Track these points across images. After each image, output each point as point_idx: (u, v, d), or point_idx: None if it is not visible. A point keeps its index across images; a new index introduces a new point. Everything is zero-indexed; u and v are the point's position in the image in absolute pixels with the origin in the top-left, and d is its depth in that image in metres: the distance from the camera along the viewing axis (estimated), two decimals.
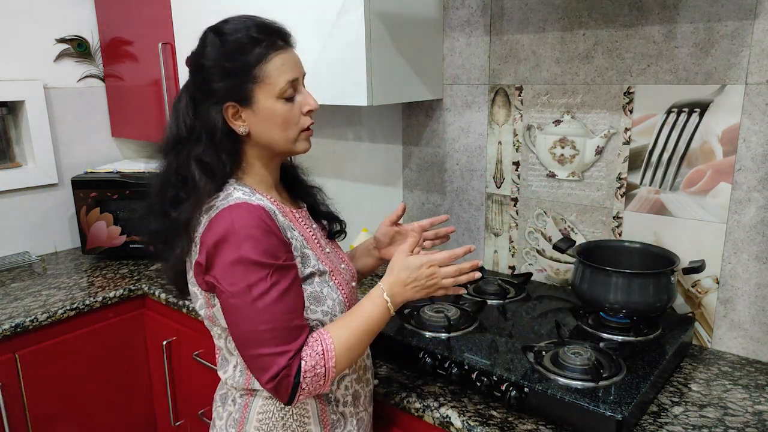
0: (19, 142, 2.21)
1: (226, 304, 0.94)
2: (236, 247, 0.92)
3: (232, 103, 0.99)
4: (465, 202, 1.76)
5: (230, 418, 1.07)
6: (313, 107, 1.03)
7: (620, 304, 1.29)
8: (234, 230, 0.92)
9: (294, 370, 0.92)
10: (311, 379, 0.93)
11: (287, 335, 0.92)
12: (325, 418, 1.07)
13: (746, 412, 1.12)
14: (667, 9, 1.31)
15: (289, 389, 0.92)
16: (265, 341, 0.91)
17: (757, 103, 1.24)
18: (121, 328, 1.90)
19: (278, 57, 0.99)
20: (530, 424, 1.09)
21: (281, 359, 0.91)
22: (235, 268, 0.92)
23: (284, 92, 0.99)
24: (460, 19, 1.64)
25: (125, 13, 2.15)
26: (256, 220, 0.94)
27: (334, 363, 0.94)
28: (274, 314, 0.92)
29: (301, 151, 1.06)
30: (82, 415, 1.85)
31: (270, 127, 1.01)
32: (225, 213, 0.94)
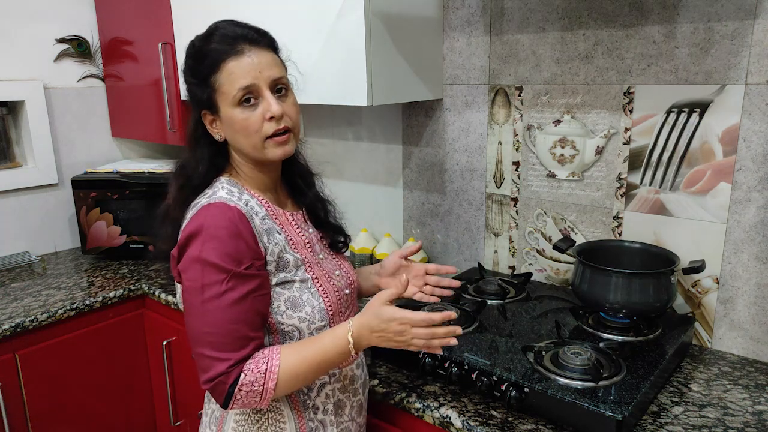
0: (19, 142, 2.21)
1: (182, 298, 0.98)
2: (200, 245, 0.94)
3: (206, 111, 1.03)
4: (465, 202, 1.76)
5: (212, 415, 1.10)
6: (274, 113, 0.99)
7: (620, 304, 1.29)
8: (202, 228, 0.94)
9: (231, 378, 0.91)
10: (246, 393, 0.92)
11: (230, 344, 0.92)
12: (302, 424, 1.06)
13: (746, 412, 1.12)
14: (667, 9, 1.31)
15: (222, 396, 0.92)
16: (207, 344, 0.92)
17: (757, 103, 1.24)
18: (121, 328, 1.90)
19: (230, 64, 0.98)
20: (530, 424, 1.09)
21: (220, 365, 0.91)
22: (195, 265, 0.94)
23: (238, 100, 0.98)
24: (460, 19, 1.64)
25: (125, 13, 2.15)
26: (225, 222, 0.95)
27: (273, 386, 0.93)
28: (220, 320, 0.92)
29: (272, 158, 1.02)
30: (82, 415, 1.85)
31: (234, 134, 1.02)
32: (202, 210, 0.97)
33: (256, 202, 1.04)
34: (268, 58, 1.00)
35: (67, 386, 1.80)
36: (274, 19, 1.58)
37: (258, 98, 0.99)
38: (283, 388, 0.95)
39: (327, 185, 1.24)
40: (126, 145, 2.47)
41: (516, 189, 1.65)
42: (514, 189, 1.65)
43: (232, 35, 0.99)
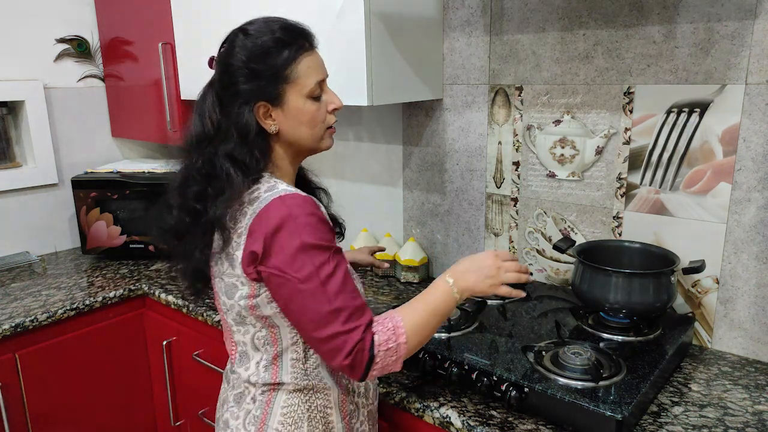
0: (19, 142, 2.21)
1: (294, 291, 0.95)
2: (297, 234, 0.94)
3: (263, 103, 1.02)
4: (465, 202, 1.76)
5: (249, 416, 1.07)
6: (338, 105, 1.08)
7: (620, 304, 1.29)
8: (291, 218, 0.95)
9: (368, 343, 0.94)
10: (384, 353, 0.95)
11: (357, 312, 0.96)
12: (345, 408, 1.09)
13: (746, 412, 1.12)
14: (667, 9, 1.31)
15: (363, 363, 0.95)
16: (337, 320, 0.94)
17: (757, 103, 1.24)
18: (121, 328, 1.90)
19: (306, 58, 1.03)
20: (530, 424, 1.09)
21: (354, 334, 0.94)
22: (300, 254, 0.94)
23: (313, 92, 1.04)
24: (460, 19, 1.64)
25: (125, 13, 2.15)
26: (310, 208, 0.97)
27: (405, 339, 0.97)
28: (342, 293, 0.95)
29: (325, 147, 1.10)
30: (82, 415, 1.84)
31: (299, 125, 1.04)
32: (277, 202, 0.96)
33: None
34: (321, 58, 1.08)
35: (67, 386, 1.80)
36: None
37: (322, 92, 1.06)
38: (411, 341, 0.99)
39: (327, 185, 1.26)
40: (126, 145, 2.46)
41: (516, 189, 1.65)
42: (514, 189, 1.65)
43: (299, 31, 1.04)
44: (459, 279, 1.05)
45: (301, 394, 1.05)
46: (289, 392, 1.05)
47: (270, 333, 1.04)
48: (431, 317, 1.02)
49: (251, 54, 1.00)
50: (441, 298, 1.03)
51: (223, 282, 1.04)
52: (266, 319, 1.02)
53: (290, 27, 1.03)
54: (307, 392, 1.06)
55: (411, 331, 0.98)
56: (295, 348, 1.04)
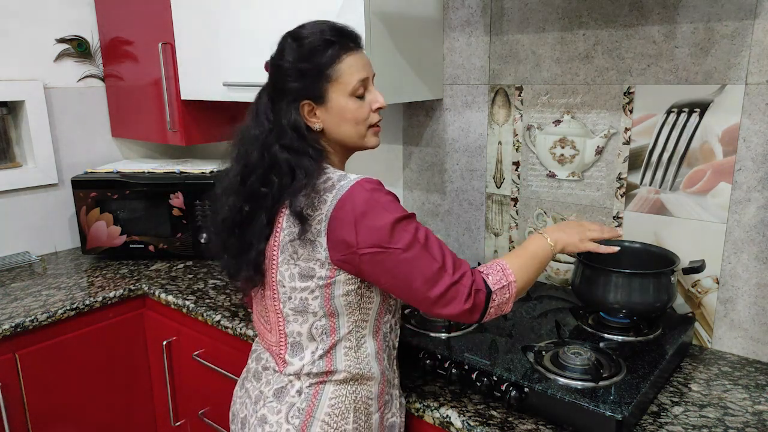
0: (19, 142, 2.20)
1: (399, 261, 0.99)
2: (385, 213, 0.99)
3: (308, 101, 1.06)
4: (465, 202, 1.76)
5: (293, 408, 1.08)
6: (381, 104, 1.11)
7: (620, 304, 1.29)
8: (375, 200, 1.00)
9: (481, 283, 1.03)
10: (499, 290, 1.04)
11: (458, 261, 1.03)
12: (382, 399, 1.12)
13: (746, 412, 1.12)
14: (667, 9, 1.31)
15: (483, 300, 1.02)
16: (446, 273, 1.00)
17: (757, 103, 1.24)
18: (121, 328, 1.90)
19: (350, 58, 1.06)
20: (530, 424, 1.09)
21: (465, 280, 1.01)
22: (395, 228, 0.99)
23: (356, 90, 1.07)
24: (460, 19, 1.64)
25: (125, 13, 2.15)
26: (384, 190, 1.03)
27: (514, 278, 1.06)
28: (442, 248, 1.02)
29: (371, 145, 1.14)
30: (82, 415, 1.84)
31: (342, 123, 1.08)
32: (357, 188, 1.01)
33: None
34: (367, 58, 1.11)
35: (67, 386, 1.80)
36: (273, 19, 1.58)
37: (365, 91, 1.09)
38: (520, 281, 1.07)
39: None
40: (126, 145, 2.46)
41: (516, 189, 1.65)
42: (514, 189, 1.65)
43: (345, 32, 1.08)
44: (551, 231, 1.17)
45: (348, 386, 1.08)
46: (337, 383, 1.08)
47: (329, 322, 1.06)
48: (532, 260, 1.11)
49: (298, 54, 1.05)
50: (536, 244, 1.14)
51: (297, 267, 1.05)
52: (330, 305, 1.04)
53: (335, 27, 1.07)
54: (354, 383, 1.08)
55: (518, 272, 1.07)
56: (350, 337, 1.07)
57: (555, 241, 1.15)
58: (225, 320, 1.61)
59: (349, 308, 1.05)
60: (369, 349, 1.09)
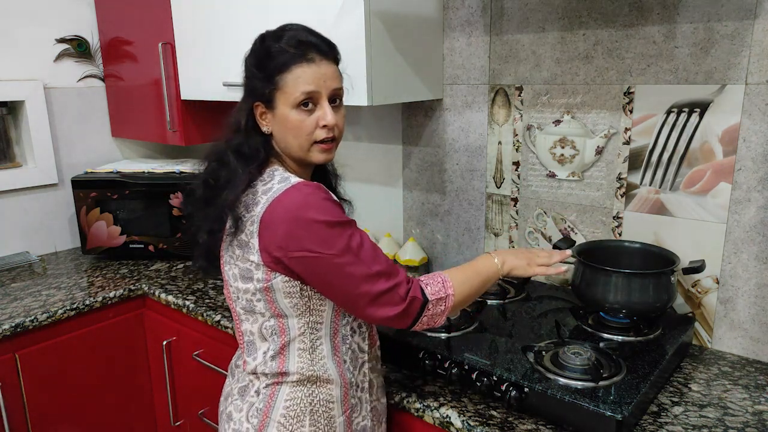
0: (19, 142, 2.20)
1: (332, 266, 0.99)
2: (320, 216, 0.98)
3: (260, 103, 1.07)
4: (465, 202, 1.76)
5: (252, 408, 1.09)
6: (327, 123, 1.06)
7: (620, 304, 1.29)
8: (309, 203, 0.99)
9: (418, 291, 1.03)
10: (435, 302, 1.04)
11: (393, 268, 1.03)
12: (347, 402, 1.10)
13: (746, 412, 1.12)
14: (667, 9, 1.31)
15: (416, 310, 1.03)
16: (380, 279, 1.00)
17: (757, 103, 1.24)
18: (121, 328, 1.90)
19: (300, 69, 1.04)
20: (530, 424, 1.09)
21: (400, 288, 1.01)
22: (327, 232, 0.98)
23: (297, 102, 1.04)
24: (460, 19, 1.64)
25: (125, 13, 2.15)
26: (322, 194, 1.01)
27: (453, 291, 1.06)
28: (376, 256, 1.01)
29: (315, 161, 1.10)
30: (82, 415, 1.84)
31: (284, 132, 1.07)
32: (292, 191, 1.00)
33: None
34: (332, 69, 1.08)
35: (67, 386, 1.80)
36: (273, 18, 1.58)
37: (316, 105, 1.06)
38: (458, 295, 1.07)
39: None
40: (126, 145, 2.46)
41: (516, 189, 1.65)
42: (514, 189, 1.65)
43: (305, 41, 1.06)
44: (501, 252, 1.18)
45: (304, 388, 1.07)
46: (292, 385, 1.07)
47: (278, 323, 1.05)
48: (475, 277, 1.11)
49: (257, 56, 1.07)
50: (483, 262, 1.14)
51: (237, 268, 1.06)
52: (275, 307, 1.04)
53: (300, 37, 1.06)
54: (311, 385, 1.07)
55: (458, 286, 1.07)
56: (303, 338, 1.06)
57: (502, 262, 1.15)
58: (225, 320, 1.61)
59: (296, 310, 1.04)
60: (325, 351, 1.08)
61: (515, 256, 1.18)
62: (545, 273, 1.19)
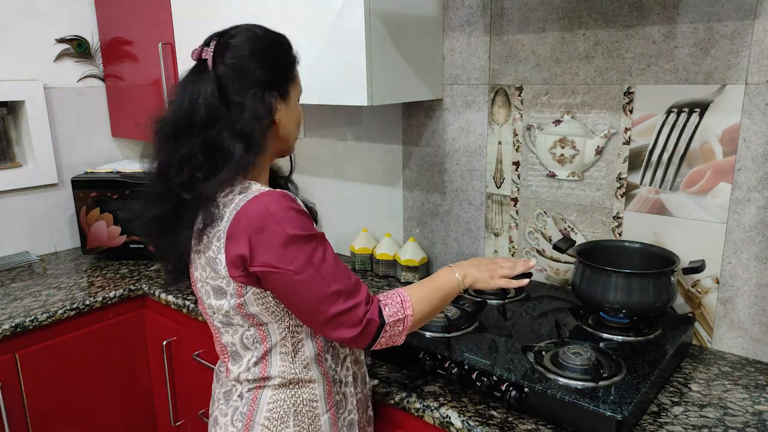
0: (19, 142, 2.21)
1: (291, 283, 0.97)
2: (281, 229, 0.95)
3: (276, 93, 1.05)
4: (465, 202, 1.76)
5: (236, 413, 1.09)
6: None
7: (620, 304, 1.29)
8: (271, 214, 0.96)
9: (375, 313, 1.00)
10: (393, 323, 1.02)
11: (355, 288, 1.00)
12: (331, 399, 1.10)
13: (746, 412, 1.12)
14: (667, 9, 1.31)
15: (373, 330, 1.00)
16: (338, 301, 0.98)
17: (757, 103, 1.24)
18: (121, 328, 1.90)
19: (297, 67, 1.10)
20: (530, 424, 1.09)
21: (359, 308, 0.99)
22: (289, 247, 0.96)
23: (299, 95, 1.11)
24: (460, 19, 1.64)
25: (125, 13, 2.15)
26: (287, 202, 0.98)
27: (411, 311, 1.04)
28: (338, 274, 0.99)
29: (293, 151, 1.17)
30: (82, 415, 1.85)
31: (292, 123, 1.10)
32: (255, 202, 0.97)
33: None
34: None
35: (67, 386, 1.80)
36: (274, 18, 1.58)
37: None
38: (417, 314, 1.05)
39: (327, 185, 1.27)
40: (126, 145, 2.46)
41: (516, 189, 1.65)
42: (514, 189, 1.65)
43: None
44: (462, 265, 1.16)
45: (286, 390, 1.06)
46: (275, 388, 1.06)
47: (258, 331, 1.05)
48: (435, 293, 1.09)
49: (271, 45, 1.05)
50: (443, 277, 1.12)
51: (209, 285, 1.04)
52: (253, 318, 1.03)
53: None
54: (293, 387, 1.07)
55: (417, 305, 1.05)
56: (284, 343, 1.05)
57: (464, 276, 1.13)
58: None
59: (275, 316, 1.03)
60: (308, 352, 1.07)
61: (477, 268, 1.16)
62: (508, 285, 1.16)
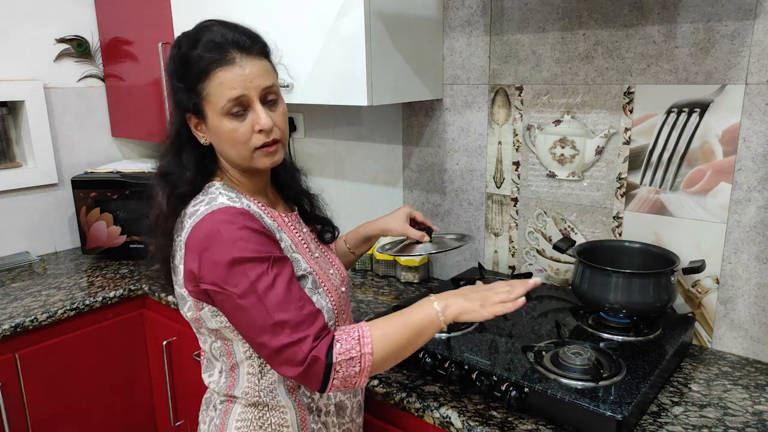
0: (19, 142, 2.21)
1: (235, 307, 0.91)
2: (227, 250, 0.90)
3: (192, 115, 0.99)
4: (465, 202, 1.76)
5: (212, 423, 1.08)
6: (263, 127, 0.96)
7: (620, 304, 1.29)
8: (220, 234, 0.91)
9: (323, 351, 0.89)
10: (346, 362, 0.89)
11: (304, 320, 0.90)
12: (305, 427, 1.05)
13: (746, 412, 1.12)
14: (667, 9, 1.31)
15: (320, 373, 0.89)
16: (282, 333, 0.88)
17: (757, 103, 1.24)
18: (121, 328, 1.90)
19: (222, 73, 0.94)
20: (530, 424, 1.09)
21: (304, 345, 0.88)
22: (233, 269, 0.90)
23: (227, 110, 0.95)
24: (460, 19, 1.64)
25: (125, 13, 2.15)
26: (239, 223, 0.92)
27: (370, 349, 0.91)
28: (286, 303, 0.90)
29: (261, 167, 1.01)
30: (82, 415, 1.85)
31: (221, 142, 0.99)
32: (208, 218, 0.93)
33: (254, 206, 1.01)
34: (259, 66, 0.96)
35: (67, 386, 1.80)
36: (273, 18, 1.58)
37: (247, 109, 0.96)
38: (380, 354, 0.92)
39: (327, 185, 1.25)
40: (126, 145, 2.47)
41: (516, 189, 1.65)
42: (514, 189, 1.65)
43: (221, 41, 0.95)
44: (446, 295, 1.00)
45: (255, 409, 1.03)
46: (244, 405, 1.04)
47: (224, 345, 1.02)
48: (403, 329, 0.95)
49: (175, 65, 0.98)
50: (419, 310, 0.97)
51: (177, 292, 1.03)
52: (216, 332, 1.01)
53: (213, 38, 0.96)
54: (261, 408, 1.03)
55: (379, 342, 0.92)
56: (251, 362, 1.01)
57: (444, 307, 0.96)
58: None
59: (236, 335, 0.98)
60: (276, 376, 1.01)
61: (465, 297, 0.99)
62: (503, 311, 0.98)
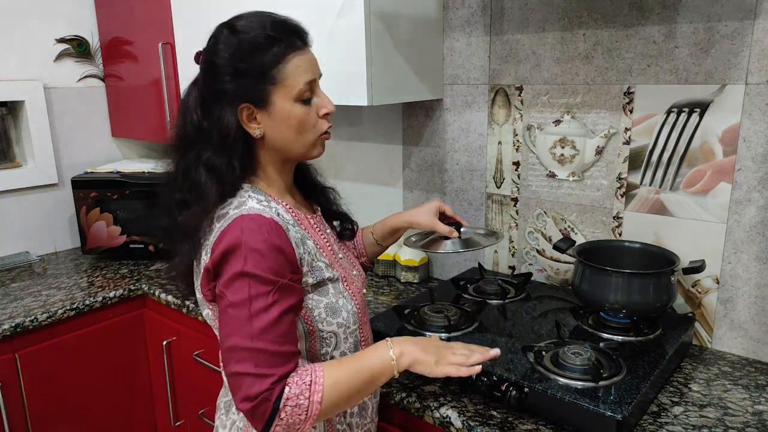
0: (19, 142, 2.21)
1: (224, 313, 0.90)
2: (242, 260, 0.89)
3: (247, 105, 0.96)
4: (465, 202, 1.76)
5: (234, 427, 1.05)
6: (329, 110, 1.01)
7: (620, 304, 1.29)
8: (241, 242, 0.89)
9: (275, 394, 0.86)
10: (291, 409, 0.86)
11: (276, 359, 0.87)
12: (332, 428, 1.06)
13: (746, 412, 1.12)
14: (667, 9, 1.31)
15: (266, 415, 0.86)
16: (251, 360, 0.86)
17: (757, 103, 1.24)
18: (121, 328, 1.90)
19: (296, 57, 0.95)
20: (530, 424, 1.09)
21: (263, 382, 0.86)
22: (239, 280, 0.89)
23: (302, 94, 0.96)
24: (460, 19, 1.64)
25: (125, 13, 2.15)
26: (264, 235, 0.91)
27: (319, 398, 0.88)
28: (267, 334, 0.88)
29: (315, 155, 1.04)
30: (82, 415, 1.84)
31: (286, 130, 0.98)
32: (236, 222, 0.92)
33: (283, 210, 1.00)
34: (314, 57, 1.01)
35: (67, 386, 1.80)
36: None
37: (312, 95, 0.99)
38: (328, 403, 0.89)
39: None
40: (126, 145, 2.47)
41: (516, 189, 1.65)
42: (514, 189, 1.65)
43: (291, 28, 0.97)
44: (403, 342, 0.97)
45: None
46: None
47: None
48: (356, 376, 0.92)
49: (237, 51, 0.94)
50: (373, 355, 0.95)
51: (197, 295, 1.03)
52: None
53: (280, 22, 0.96)
54: None
55: (330, 389, 0.89)
56: None
57: (400, 354, 0.95)
58: None
59: None
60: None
61: (422, 349, 0.97)
62: (455, 374, 0.97)
